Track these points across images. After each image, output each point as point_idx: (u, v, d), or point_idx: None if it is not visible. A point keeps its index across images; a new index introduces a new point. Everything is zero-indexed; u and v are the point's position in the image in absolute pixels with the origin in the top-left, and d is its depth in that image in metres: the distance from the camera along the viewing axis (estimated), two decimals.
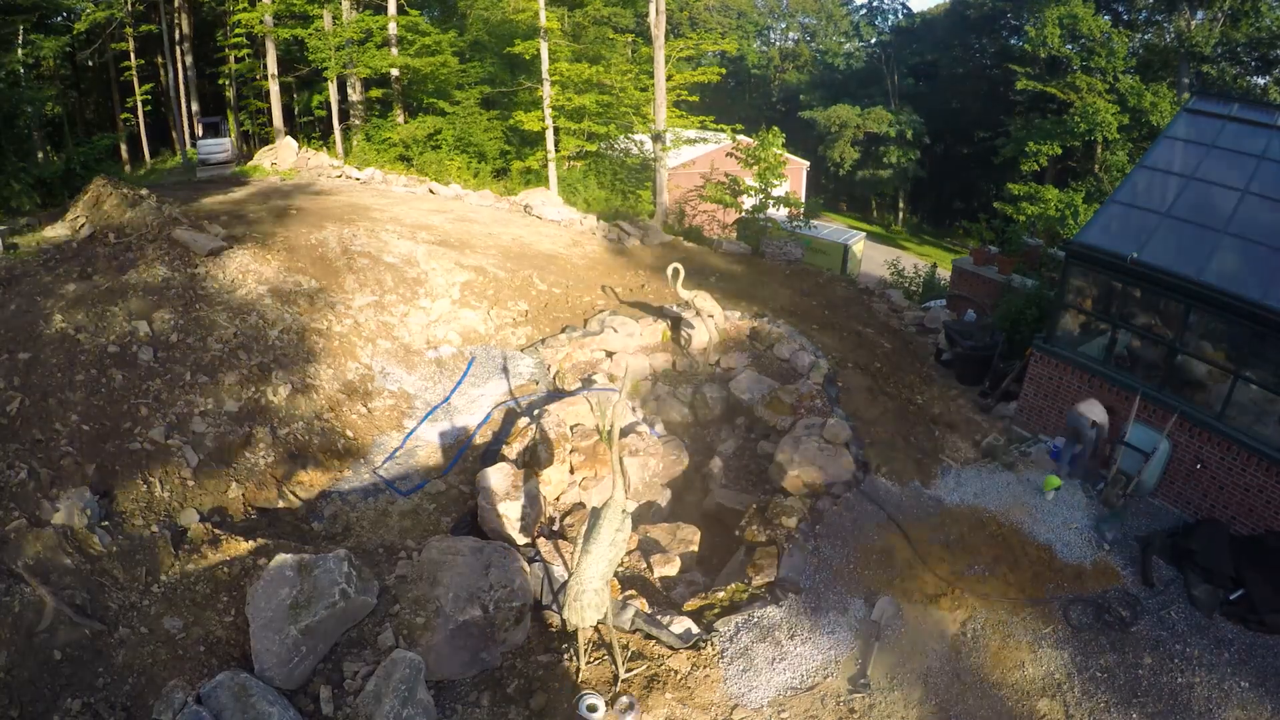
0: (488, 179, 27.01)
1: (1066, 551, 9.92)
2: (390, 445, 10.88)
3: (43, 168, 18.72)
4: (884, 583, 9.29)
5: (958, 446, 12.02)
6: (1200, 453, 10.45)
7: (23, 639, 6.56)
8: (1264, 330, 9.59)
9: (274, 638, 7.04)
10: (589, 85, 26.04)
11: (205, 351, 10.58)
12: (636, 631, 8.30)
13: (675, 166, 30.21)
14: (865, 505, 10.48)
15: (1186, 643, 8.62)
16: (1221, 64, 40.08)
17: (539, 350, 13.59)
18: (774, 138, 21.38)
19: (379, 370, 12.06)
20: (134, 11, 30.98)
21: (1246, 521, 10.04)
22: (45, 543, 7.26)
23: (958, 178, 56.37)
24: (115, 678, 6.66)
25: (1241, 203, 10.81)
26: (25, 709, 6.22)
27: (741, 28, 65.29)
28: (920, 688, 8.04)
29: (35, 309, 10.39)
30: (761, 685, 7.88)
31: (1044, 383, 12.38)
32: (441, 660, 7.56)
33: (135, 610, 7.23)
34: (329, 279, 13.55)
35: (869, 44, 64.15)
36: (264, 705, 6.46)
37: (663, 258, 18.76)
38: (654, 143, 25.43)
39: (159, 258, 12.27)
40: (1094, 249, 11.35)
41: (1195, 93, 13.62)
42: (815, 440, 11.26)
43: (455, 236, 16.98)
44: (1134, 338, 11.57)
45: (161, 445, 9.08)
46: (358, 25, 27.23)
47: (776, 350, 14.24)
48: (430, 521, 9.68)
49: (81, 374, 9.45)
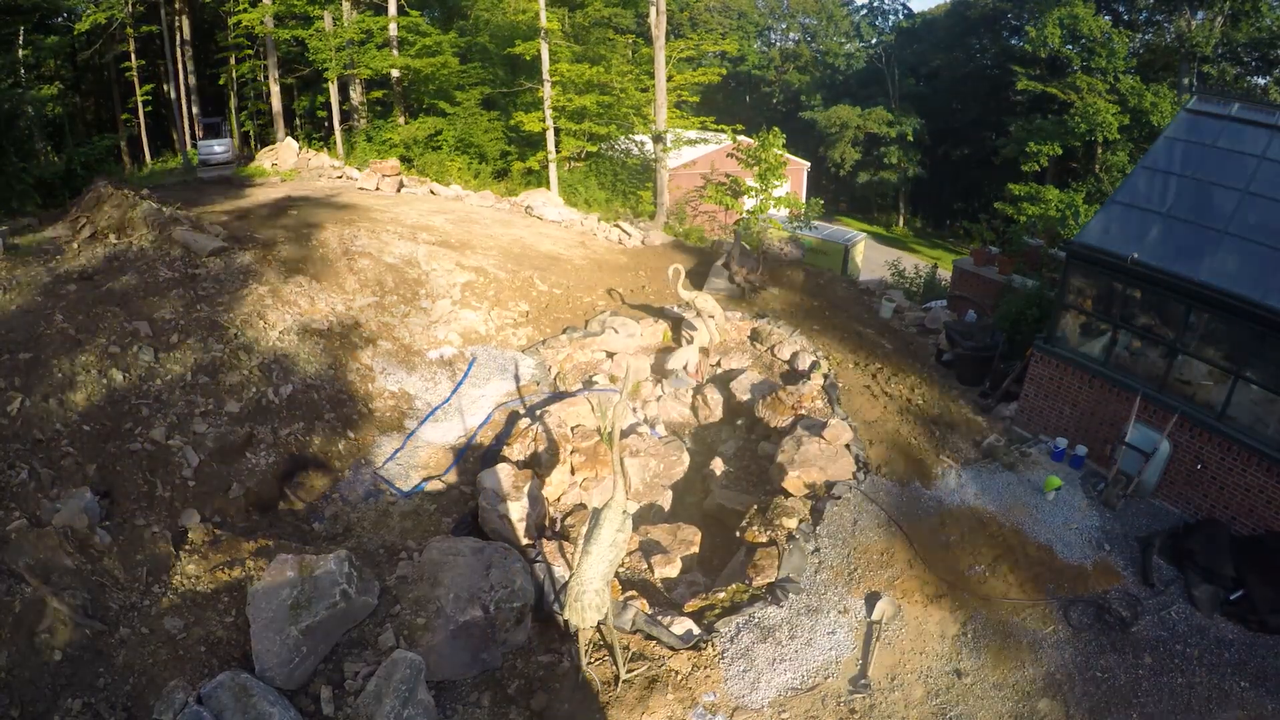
0: (488, 180, 27.01)
1: (1067, 552, 9.92)
2: (391, 446, 10.88)
3: (44, 168, 18.71)
4: (884, 583, 9.29)
5: (958, 447, 12.02)
6: (1201, 453, 10.45)
7: (23, 639, 6.56)
8: (1264, 330, 9.59)
9: (275, 638, 7.05)
10: (590, 86, 26.03)
11: (206, 352, 10.59)
12: (637, 632, 8.30)
13: (676, 167, 30.21)
14: (866, 506, 10.48)
15: (1187, 643, 8.62)
16: (1222, 64, 40.09)
17: (540, 351, 13.60)
18: (774, 138, 21.34)
19: (380, 370, 12.07)
20: (135, 12, 30.96)
21: (1247, 522, 10.04)
22: (46, 543, 7.27)
23: (958, 178, 56.35)
24: (116, 678, 6.67)
25: (1242, 203, 10.81)
26: (26, 709, 6.22)
27: (742, 28, 65.28)
28: (921, 688, 8.05)
29: (36, 309, 10.40)
30: (762, 686, 7.88)
31: (1044, 383, 12.38)
32: (442, 661, 7.57)
33: (136, 610, 7.23)
34: (330, 279, 13.56)
35: (870, 44, 64.15)
36: (264, 705, 6.47)
37: (664, 258, 18.77)
38: (655, 143, 25.42)
39: (159, 258, 12.28)
40: (1094, 249, 11.36)
41: (1196, 93, 13.57)
42: (816, 441, 11.26)
43: (456, 237, 16.99)
44: (1134, 338, 11.57)
45: (162, 445, 9.09)
46: (358, 26, 27.24)
47: (777, 351, 14.24)
48: (431, 522, 9.68)
49: (82, 374, 9.46)
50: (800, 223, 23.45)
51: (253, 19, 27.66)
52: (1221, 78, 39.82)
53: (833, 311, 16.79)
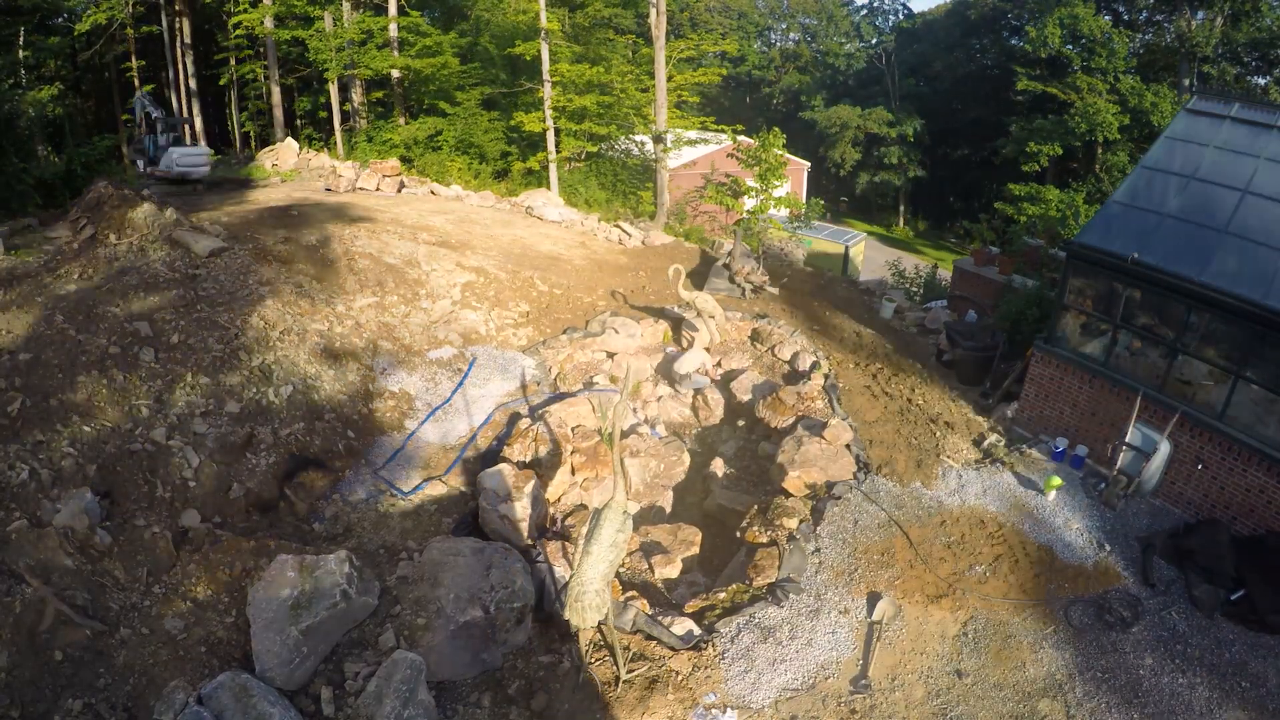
0: (489, 180, 27.01)
1: (1067, 552, 9.92)
2: (391, 446, 10.88)
3: (44, 169, 18.72)
4: (885, 583, 9.29)
5: (959, 447, 12.01)
6: (1201, 453, 10.45)
7: (24, 639, 6.56)
8: (1265, 330, 9.59)
9: (275, 638, 7.05)
10: (590, 86, 26.03)
11: (206, 352, 10.59)
12: (638, 632, 8.30)
13: (676, 167, 30.21)
14: (866, 506, 10.48)
15: (1188, 643, 8.61)
16: (1222, 64, 40.08)
17: (540, 351, 13.60)
18: (775, 138, 21.33)
19: (380, 371, 12.07)
20: (135, 13, 30.98)
21: (1247, 522, 10.04)
22: (47, 543, 7.27)
23: (959, 178, 56.34)
24: (116, 678, 6.67)
25: (1242, 203, 10.80)
26: (26, 709, 6.23)
27: (742, 28, 65.30)
28: (921, 688, 8.04)
29: (36, 309, 10.39)
30: (763, 686, 7.88)
31: (1045, 383, 12.37)
32: (443, 661, 7.57)
33: (136, 611, 7.23)
34: (330, 279, 13.57)
35: (870, 45, 64.13)
36: (265, 706, 6.47)
37: (664, 258, 18.77)
38: (655, 144, 25.42)
39: (159, 259, 12.28)
40: (1095, 249, 11.35)
41: (1196, 93, 13.58)
42: (816, 441, 11.26)
43: (456, 238, 16.99)
44: (1135, 338, 11.57)
45: (163, 446, 9.08)
46: (358, 26, 27.25)
47: (778, 351, 14.24)
48: (431, 522, 9.68)
49: (83, 375, 9.46)
50: (800, 223, 23.46)
51: (253, 19, 27.67)
52: (1221, 78, 39.83)
53: (833, 312, 16.81)
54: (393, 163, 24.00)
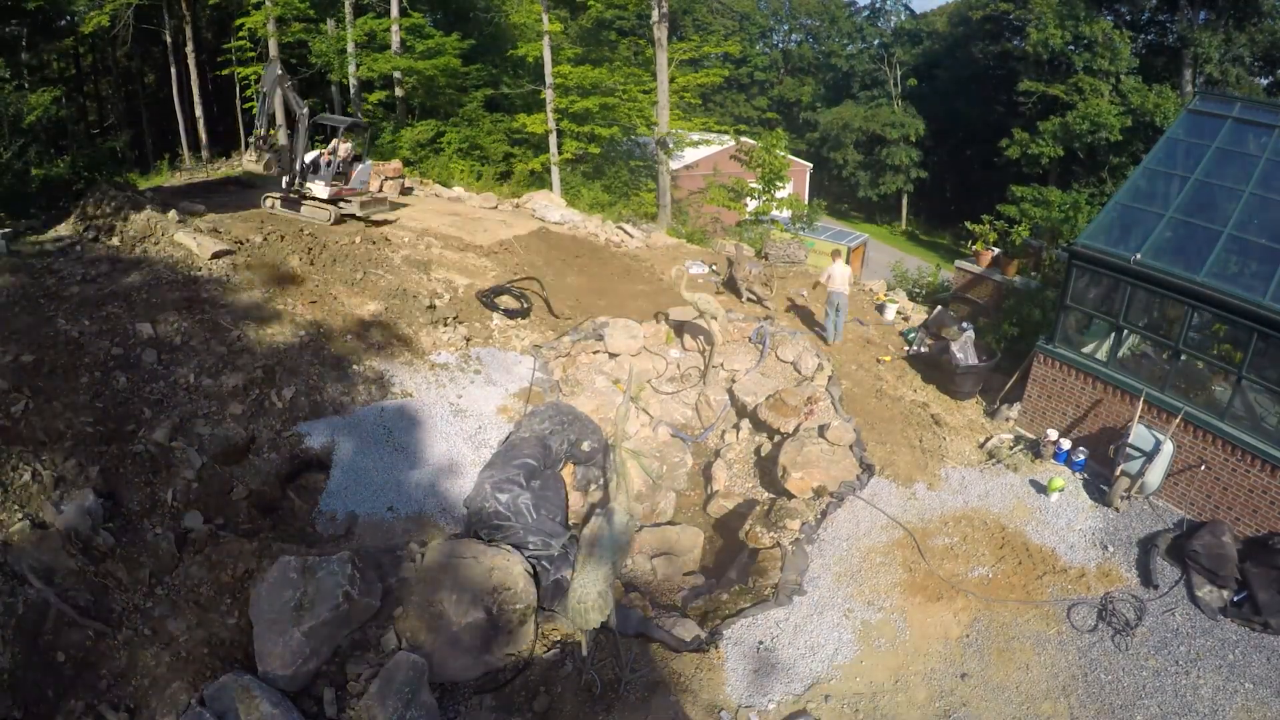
0: (491, 182, 27.00)
1: (1070, 553, 9.90)
2: None
3: (46, 170, 18.75)
4: (888, 585, 9.28)
5: (961, 448, 12.00)
6: (1203, 454, 10.43)
7: (26, 640, 6.57)
8: (1267, 331, 9.57)
9: (277, 639, 7.06)
10: (592, 88, 26.05)
11: (209, 354, 10.60)
12: (640, 634, 8.29)
13: (678, 168, 30.23)
14: (869, 507, 10.47)
15: (1190, 644, 8.59)
16: (1224, 65, 40.01)
17: (542, 352, 13.59)
18: (777, 140, 21.37)
19: (382, 371, 12.06)
20: (138, 14, 31.02)
21: (1250, 523, 10.02)
22: (49, 544, 7.28)
23: (961, 179, 56.27)
24: (119, 679, 6.67)
25: (1245, 203, 10.78)
26: (29, 710, 6.23)
27: (744, 30, 65.26)
28: (925, 689, 8.03)
29: (39, 311, 10.41)
30: (765, 688, 7.87)
31: (1047, 384, 12.36)
32: (445, 662, 7.57)
33: (139, 612, 7.24)
34: (332, 281, 13.57)
35: (872, 46, 64.08)
36: (267, 707, 6.48)
37: (666, 259, 18.77)
38: (657, 145, 25.44)
39: (162, 260, 12.30)
40: (1097, 250, 11.34)
41: (1198, 93, 13.57)
42: (819, 443, 11.25)
43: (459, 239, 16.99)
44: (1137, 339, 11.54)
45: (165, 447, 9.09)
46: (361, 28, 27.28)
47: (780, 352, 14.22)
48: (433, 523, 9.68)
49: (85, 376, 9.47)
50: (803, 224, 23.46)
51: (255, 21, 27.72)
52: (1224, 78, 39.77)
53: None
54: (395, 164, 24.00)
